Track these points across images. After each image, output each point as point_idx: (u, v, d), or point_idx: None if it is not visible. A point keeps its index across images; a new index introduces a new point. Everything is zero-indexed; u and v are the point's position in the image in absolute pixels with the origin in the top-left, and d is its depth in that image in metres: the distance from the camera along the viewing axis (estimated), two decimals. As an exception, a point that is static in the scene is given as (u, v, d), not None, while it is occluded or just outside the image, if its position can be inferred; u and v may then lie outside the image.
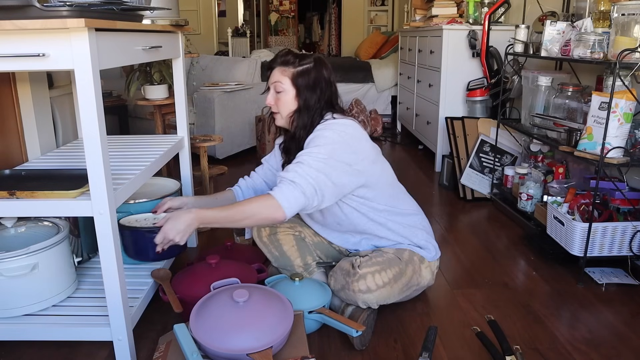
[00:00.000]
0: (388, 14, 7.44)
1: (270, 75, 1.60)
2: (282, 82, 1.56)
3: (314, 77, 1.56)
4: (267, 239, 1.75)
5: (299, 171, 1.44)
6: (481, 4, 3.20)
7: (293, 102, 1.57)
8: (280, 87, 1.57)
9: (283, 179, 1.46)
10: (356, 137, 1.54)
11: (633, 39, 1.77)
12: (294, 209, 1.43)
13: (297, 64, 1.56)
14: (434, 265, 1.73)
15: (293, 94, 1.57)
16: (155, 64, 2.47)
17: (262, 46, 8.72)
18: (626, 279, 1.91)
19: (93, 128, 1.20)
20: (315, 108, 1.56)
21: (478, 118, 3.02)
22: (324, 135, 1.50)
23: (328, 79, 1.59)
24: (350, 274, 1.54)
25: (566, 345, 1.53)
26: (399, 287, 1.60)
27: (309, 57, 1.59)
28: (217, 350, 1.22)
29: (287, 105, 1.58)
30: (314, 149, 1.48)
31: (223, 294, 1.38)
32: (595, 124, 1.83)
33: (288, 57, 1.57)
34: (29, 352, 1.49)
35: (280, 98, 1.58)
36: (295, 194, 1.42)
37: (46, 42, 1.13)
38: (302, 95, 1.56)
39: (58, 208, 1.31)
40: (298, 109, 1.57)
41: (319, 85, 1.57)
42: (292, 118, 1.59)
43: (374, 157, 1.60)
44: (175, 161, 2.18)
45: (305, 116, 1.57)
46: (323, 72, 1.58)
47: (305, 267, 1.74)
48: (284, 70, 1.57)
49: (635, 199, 1.97)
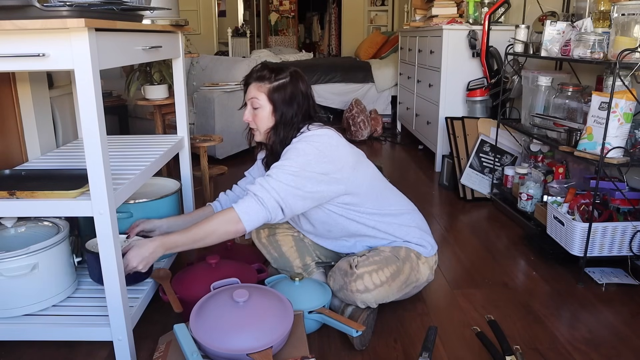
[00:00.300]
0: (388, 14, 7.44)
1: (247, 91, 1.60)
2: (258, 98, 1.56)
3: (290, 92, 1.55)
4: (266, 240, 1.75)
5: (265, 185, 1.46)
6: (481, 4, 3.20)
7: (270, 118, 1.57)
8: (257, 104, 1.56)
9: (248, 192, 1.49)
10: (332, 146, 1.54)
11: (633, 39, 1.77)
12: (254, 222, 1.45)
13: (272, 79, 1.55)
14: (432, 261, 1.73)
15: (270, 109, 1.56)
16: (155, 64, 2.47)
17: (262, 46, 8.72)
18: (626, 279, 1.91)
19: (93, 128, 1.20)
20: (292, 122, 1.56)
21: (478, 118, 3.02)
22: (297, 147, 1.51)
23: (305, 93, 1.58)
24: (348, 274, 1.54)
25: (566, 345, 1.53)
26: (397, 285, 1.60)
27: (285, 72, 1.57)
28: (217, 350, 1.22)
29: (264, 121, 1.58)
30: (286, 162, 1.49)
31: (223, 294, 1.38)
32: (595, 124, 1.83)
33: (264, 72, 1.56)
34: (29, 352, 1.49)
35: (257, 114, 1.58)
36: (255, 207, 1.44)
37: (46, 42, 1.13)
38: (279, 110, 1.55)
39: (58, 208, 1.31)
40: (275, 124, 1.57)
41: (296, 100, 1.56)
42: (269, 134, 1.59)
43: (353, 163, 1.58)
44: (175, 161, 2.18)
45: (282, 131, 1.57)
46: (299, 85, 1.57)
47: (304, 267, 1.74)
48: (259, 85, 1.56)
49: (635, 199, 1.97)
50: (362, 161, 1.65)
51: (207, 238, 1.46)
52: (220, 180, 3.23)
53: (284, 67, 1.59)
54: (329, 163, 1.52)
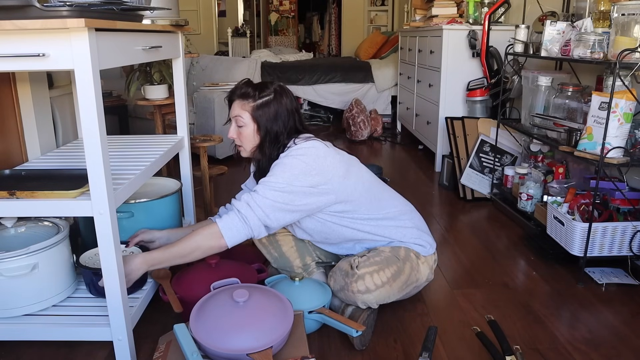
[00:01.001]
0: (388, 14, 7.44)
1: (231, 108, 1.59)
2: (242, 116, 1.55)
3: (275, 110, 1.54)
4: (266, 240, 1.75)
5: (250, 202, 1.47)
6: (481, 4, 3.20)
7: (255, 136, 1.57)
8: (241, 122, 1.56)
9: (232, 208, 1.49)
10: (319, 157, 1.53)
11: (633, 39, 1.77)
12: (235, 238, 1.47)
13: (256, 97, 1.54)
14: (431, 260, 1.73)
15: (254, 128, 1.56)
16: (155, 64, 2.47)
17: (262, 46, 8.72)
18: (626, 279, 1.91)
19: (93, 128, 1.20)
20: (278, 140, 1.56)
21: (478, 118, 3.02)
22: (284, 162, 1.51)
23: (290, 109, 1.57)
24: (349, 275, 1.54)
25: (566, 345, 1.53)
26: (398, 285, 1.60)
27: (269, 89, 1.56)
28: (217, 350, 1.22)
29: (248, 139, 1.58)
30: (272, 178, 1.49)
31: (223, 294, 1.38)
32: (595, 124, 1.83)
33: (247, 90, 1.55)
34: (29, 352, 1.49)
35: (242, 132, 1.57)
36: (238, 225, 1.46)
37: (46, 42, 1.13)
38: (263, 128, 1.55)
39: (58, 208, 1.31)
40: (260, 142, 1.57)
41: (280, 117, 1.55)
42: (255, 152, 1.59)
43: (343, 172, 1.57)
44: (175, 161, 2.18)
45: (267, 148, 1.57)
46: (283, 101, 1.56)
47: (304, 267, 1.74)
48: (243, 104, 1.55)
49: (635, 199, 1.97)
50: (354, 168, 1.63)
51: (192, 254, 1.48)
52: (220, 180, 3.23)
53: (267, 84, 1.58)
54: (317, 175, 1.51)
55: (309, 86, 5.17)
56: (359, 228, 1.64)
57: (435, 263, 1.76)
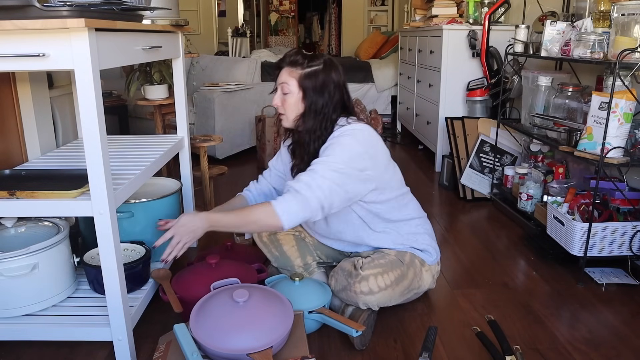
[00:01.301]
0: (388, 14, 7.44)
1: (278, 75, 1.56)
2: (288, 83, 1.52)
3: (322, 80, 1.51)
4: (267, 239, 1.75)
5: (310, 183, 1.42)
6: (481, 4, 3.20)
7: (299, 105, 1.53)
8: (287, 89, 1.52)
9: (290, 189, 1.44)
10: (372, 143, 1.53)
11: (633, 39, 1.77)
12: (293, 221, 1.43)
13: (305, 65, 1.51)
14: (435, 269, 1.73)
15: (299, 96, 1.52)
16: (155, 64, 2.47)
17: (262, 46, 8.72)
18: (626, 279, 1.91)
19: (93, 128, 1.20)
20: (323, 112, 1.52)
21: (478, 118, 3.02)
22: (342, 142, 1.48)
23: (338, 82, 1.54)
24: (353, 275, 1.53)
25: (566, 345, 1.53)
26: (400, 290, 1.59)
27: (319, 59, 1.53)
28: (217, 350, 1.22)
29: (293, 108, 1.54)
30: (331, 158, 1.45)
31: (223, 294, 1.38)
32: (595, 124, 1.83)
33: (297, 58, 1.52)
34: (29, 352, 1.49)
35: (286, 99, 1.54)
36: (296, 207, 1.42)
37: (46, 42, 1.13)
38: (309, 98, 1.51)
39: (58, 208, 1.31)
40: (304, 112, 1.53)
41: (327, 89, 1.52)
42: (299, 122, 1.55)
43: (386, 163, 1.59)
44: (175, 161, 2.18)
45: (311, 120, 1.53)
46: (332, 75, 1.53)
47: (305, 267, 1.74)
48: (291, 71, 1.52)
49: (635, 199, 1.97)
50: (391, 161, 1.65)
51: (249, 226, 1.47)
52: (220, 180, 3.23)
53: (318, 55, 1.56)
54: (369, 159, 1.50)
55: (309, 86, 5.17)
56: (377, 228, 1.64)
57: (437, 274, 1.76)
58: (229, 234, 2.33)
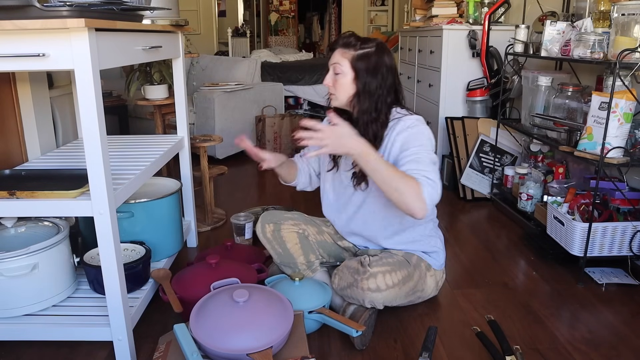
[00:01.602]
0: (388, 14, 7.44)
1: (331, 57, 1.59)
2: (341, 63, 1.54)
3: (375, 62, 1.54)
4: (271, 235, 1.73)
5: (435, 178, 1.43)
6: (481, 4, 3.20)
7: (351, 86, 1.56)
8: (339, 69, 1.55)
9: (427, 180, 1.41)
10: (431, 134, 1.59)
11: (633, 39, 1.77)
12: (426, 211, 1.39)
13: (358, 47, 1.54)
14: (439, 275, 1.75)
15: (351, 76, 1.55)
16: (155, 64, 2.47)
17: (262, 46, 8.72)
18: (626, 279, 1.91)
19: (93, 128, 1.20)
20: (377, 94, 1.55)
21: (478, 118, 3.02)
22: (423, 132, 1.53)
23: (389, 66, 1.57)
24: (360, 272, 1.54)
25: (566, 345, 1.53)
26: (406, 289, 1.60)
27: (372, 42, 1.56)
28: (217, 350, 1.22)
29: (344, 88, 1.56)
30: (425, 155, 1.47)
31: (223, 294, 1.38)
32: (595, 124, 1.83)
33: (350, 40, 1.56)
34: (29, 352, 1.49)
35: (338, 80, 1.56)
36: (435, 198, 1.42)
37: (46, 42, 1.13)
38: (361, 79, 1.54)
39: (58, 208, 1.31)
40: (357, 92, 1.55)
41: (380, 71, 1.54)
42: (353, 102, 1.57)
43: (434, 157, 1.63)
44: (175, 161, 2.18)
45: (366, 101, 1.55)
46: (384, 58, 1.56)
47: (308, 264, 1.73)
48: (344, 52, 1.55)
49: (635, 199, 1.97)
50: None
51: (391, 189, 1.37)
52: (220, 180, 3.23)
53: (371, 38, 1.59)
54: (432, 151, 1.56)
55: (309, 86, 5.17)
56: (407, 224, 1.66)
57: (442, 281, 1.78)
58: (229, 233, 2.33)
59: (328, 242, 1.79)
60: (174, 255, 1.92)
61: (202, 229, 2.40)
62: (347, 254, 1.82)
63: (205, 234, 2.39)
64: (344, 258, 1.80)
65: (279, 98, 4.27)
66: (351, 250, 1.81)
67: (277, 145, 3.60)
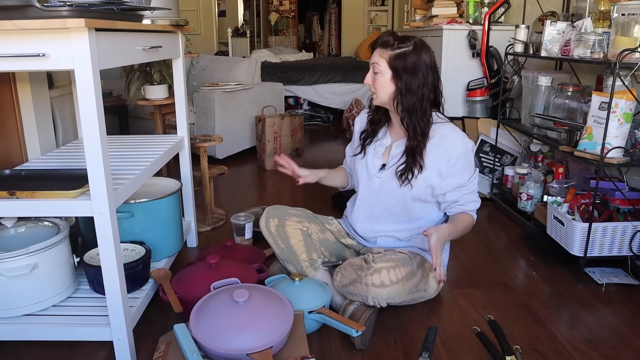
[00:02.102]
0: (388, 14, 7.43)
1: (371, 56, 1.64)
2: (379, 63, 1.59)
3: (413, 61, 1.56)
4: (275, 230, 1.72)
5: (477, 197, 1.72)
6: (481, 4, 3.20)
7: (390, 84, 1.59)
8: (378, 68, 1.60)
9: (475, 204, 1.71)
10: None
11: (633, 39, 1.77)
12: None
13: (395, 46, 1.57)
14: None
15: (389, 76, 1.59)
16: (155, 64, 2.47)
17: (262, 46, 8.72)
18: (626, 279, 1.91)
19: (93, 128, 1.20)
20: (420, 92, 1.58)
21: (478, 118, 3.02)
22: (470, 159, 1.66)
23: (429, 64, 1.59)
24: (364, 268, 1.54)
25: (566, 345, 1.53)
26: (409, 287, 1.60)
27: (409, 41, 1.59)
28: (217, 350, 1.22)
29: (383, 87, 1.60)
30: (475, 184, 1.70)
31: (223, 294, 1.38)
32: (595, 124, 1.83)
33: (388, 39, 1.59)
34: (29, 352, 1.49)
35: (377, 79, 1.61)
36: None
37: (46, 42, 1.13)
38: (400, 78, 1.57)
39: (58, 208, 1.31)
40: (398, 91, 1.59)
41: (420, 70, 1.57)
42: (395, 101, 1.61)
43: None
44: (175, 161, 2.18)
45: (409, 99, 1.58)
46: (422, 55, 1.58)
47: (310, 262, 1.73)
48: (382, 52, 1.59)
49: (635, 199, 1.97)
50: None
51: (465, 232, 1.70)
52: (220, 180, 3.23)
53: (409, 37, 1.61)
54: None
55: (309, 86, 5.17)
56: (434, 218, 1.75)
57: (443, 283, 1.77)
58: (229, 233, 2.34)
59: (330, 241, 1.80)
60: (174, 255, 1.92)
61: (202, 229, 2.40)
62: (349, 252, 1.82)
63: (205, 234, 2.39)
64: (346, 257, 1.80)
65: (279, 98, 4.28)
66: (354, 248, 1.81)
67: (277, 145, 3.60)
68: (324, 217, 1.85)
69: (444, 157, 1.63)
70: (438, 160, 1.63)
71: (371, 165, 1.74)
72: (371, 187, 1.74)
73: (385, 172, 1.70)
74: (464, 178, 1.65)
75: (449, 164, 1.63)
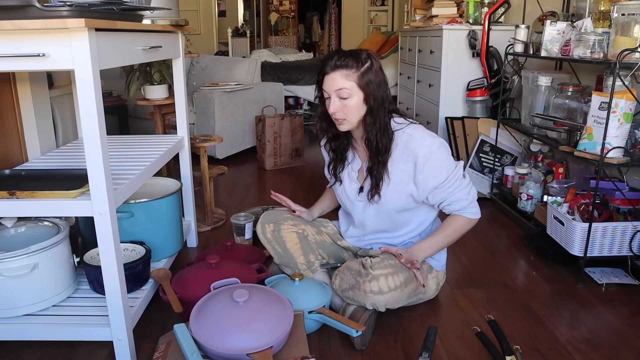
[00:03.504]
0: (388, 14, 7.44)
1: (327, 82, 1.51)
2: (347, 87, 1.48)
3: (377, 75, 1.51)
4: (271, 235, 1.73)
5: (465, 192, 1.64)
6: (481, 4, 3.20)
7: (362, 106, 1.51)
8: (346, 93, 1.49)
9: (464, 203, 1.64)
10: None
11: (633, 39, 1.77)
12: (478, 213, 1.67)
13: (359, 65, 1.48)
14: (440, 276, 1.75)
15: (361, 97, 1.50)
16: (155, 64, 2.47)
17: (262, 46, 8.72)
18: (626, 279, 1.91)
19: (93, 128, 1.20)
20: (384, 106, 1.53)
21: (478, 118, 3.02)
22: (439, 157, 1.57)
23: (383, 73, 1.55)
24: (362, 274, 1.53)
25: (566, 345, 1.53)
26: (408, 292, 1.59)
27: (363, 54, 1.51)
28: (217, 350, 1.22)
29: (354, 111, 1.51)
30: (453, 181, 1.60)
31: (223, 294, 1.38)
32: (595, 124, 1.83)
33: (347, 61, 1.48)
34: (29, 352, 1.49)
35: (347, 104, 1.50)
36: (474, 199, 1.68)
37: (46, 42, 1.13)
38: (371, 96, 1.50)
39: (58, 208, 1.31)
40: (369, 110, 1.52)
41: (383, 81, 1.53)
42: (366, 122, 1.54)
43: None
44: (175, 161, 2.18)
45: (378, 116, 1.52)
46: (379, 66, 1.53)
47: (308, 265, 1.73)
48: (346, 74, 1.48)
49: (635, 199, 1.97)
50: None
51: (458, 238, 1.69)
52: (220, 180, 3.23)
53: (357, 51, 1.53)
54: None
55: (309, 86, 5.17)
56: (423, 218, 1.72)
57: (443, 281, 1.78)
58: (229, 233, 2.34)
59: (327, 242, 1.80)
60: (174, 255, 1.92)
61: (202, 229, 2.40)
62: (347, 253, 1.82)
63: (205, 234, 2.39)
64: (344, 258, 1.80)
65: (279, 98, 4.28)
66: (351, 250, 1.81)
67: (277, 145, 3.60)
68: (319, 220, 1.85)
69: (411, 165, 1.56)
70: (406, 170, 1.57)
71: (350, 190, 1.70)
72: (356, 211, 1.72)
73: (364, 194, 1.67)
74: (440, 178, 1.57)
75: (417, 170, 1.55)
